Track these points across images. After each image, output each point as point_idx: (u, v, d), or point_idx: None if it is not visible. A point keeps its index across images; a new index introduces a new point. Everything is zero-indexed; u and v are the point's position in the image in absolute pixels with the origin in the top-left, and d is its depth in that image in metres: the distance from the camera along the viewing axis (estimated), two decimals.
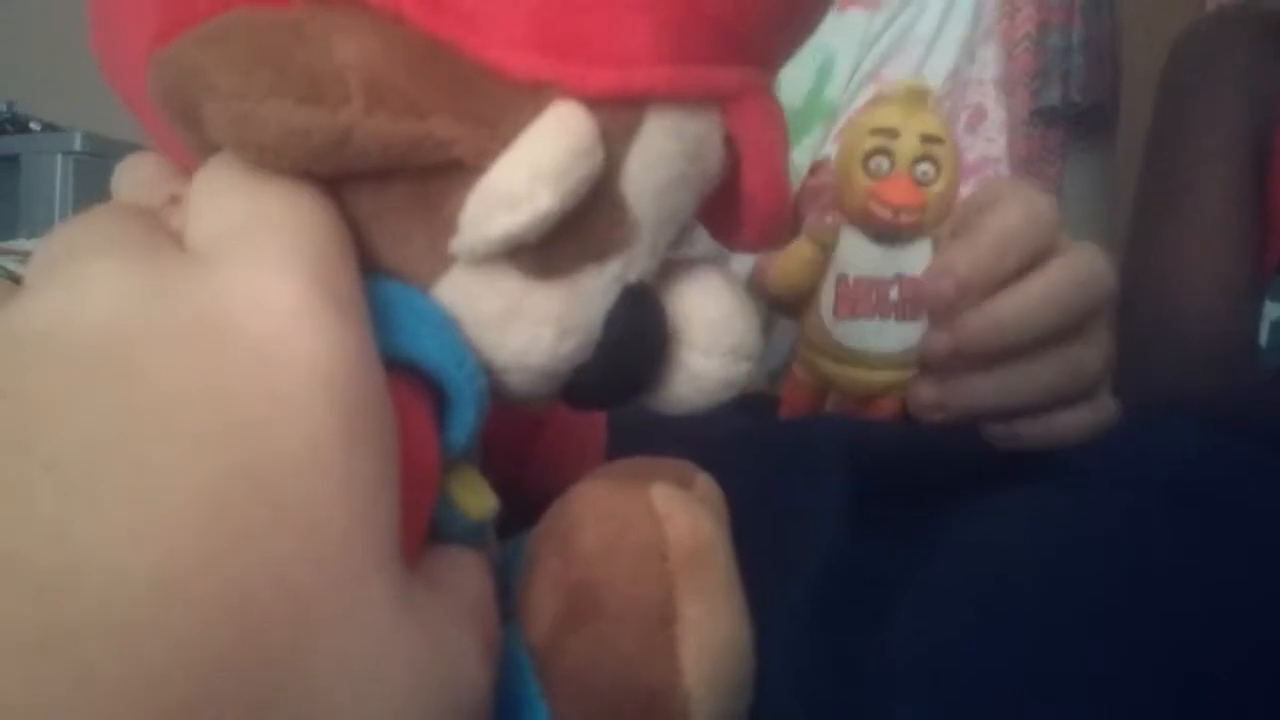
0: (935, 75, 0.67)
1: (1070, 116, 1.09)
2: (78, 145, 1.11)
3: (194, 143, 0.23)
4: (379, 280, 0.23)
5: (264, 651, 0.16)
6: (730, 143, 0.26)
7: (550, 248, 0.24)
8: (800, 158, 0.66)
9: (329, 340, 0.19)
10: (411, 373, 0.23)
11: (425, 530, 0.23)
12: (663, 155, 0.25)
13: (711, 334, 0.27)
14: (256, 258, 0.20)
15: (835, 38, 0.66)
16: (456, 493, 0.24)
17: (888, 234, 0.44)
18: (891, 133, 0.43)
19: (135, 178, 0.26)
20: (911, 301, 0.44)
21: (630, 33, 0.23)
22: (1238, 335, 0.92)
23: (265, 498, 0.17)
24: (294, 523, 0.17)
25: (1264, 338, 0.92)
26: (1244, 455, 0.38)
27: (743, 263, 0.59)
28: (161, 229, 0.21)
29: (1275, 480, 0.36)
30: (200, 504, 0.16)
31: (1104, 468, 0.40)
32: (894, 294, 0.44)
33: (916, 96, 0.44)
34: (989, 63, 0.72)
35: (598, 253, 0.25)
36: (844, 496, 0.36)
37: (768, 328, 0.62)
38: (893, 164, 0.43)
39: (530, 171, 0.22)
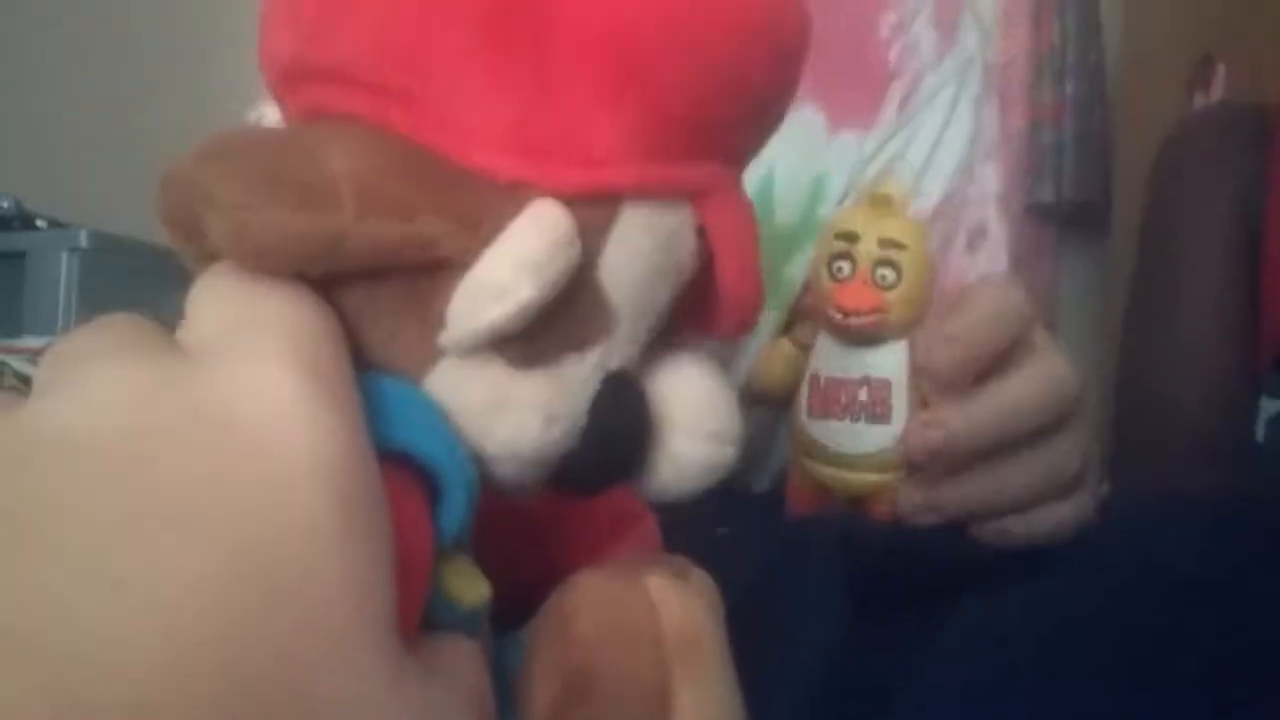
0: (929, 198, 0.68)
1: (1064, 213, 1.10)
2: (84, 242, 1.12)
3: (195, 254, 0.24)
4: (372, 374, 0.24)
5: None
6: (703, 234, 0.27)
7: (534, 338, 0.25)
8: (796, 274, 0.67)
9: (325, 431, 0.20)
10: (404, 463, 0.23)
11: (419, 617, 0.23)
12: (638, 247, 0.26)
13: (695, 418, 0.28)
14: (254, 354, 0.21)
15: (827, 161, 0.68)
16: (450, 581, 0.25)
17: (854, 336, 0.44)
18: (852, 236, 0.44)
19: None
20: (882, 406, 0.44)
21: (601, 135, 0.24)
22: (1233, 430, 0.92)
23: (265, 580, 0.18)
24: (292, 603, 0.18)
25: (1261, 433, 0.92)
26: (1242, 549, 0.38)
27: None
28: (164, 335, 0.23)
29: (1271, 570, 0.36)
30: (203, 586, 0.17)
31: (1097, 562, 0.40)
32: (863, 395, 0.44)
33: (881, 200, 0.45)
34: (991, 180, 0.73)
35: (579, 342, 0.26)
36: (840, 596, 0.36)
37: (770, 428, 0.62)
38: (854, 268, 0.43)
39: (513, 264, 0.23)
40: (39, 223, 1.15)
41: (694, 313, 0.29)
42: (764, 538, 0.45)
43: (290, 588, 0.18)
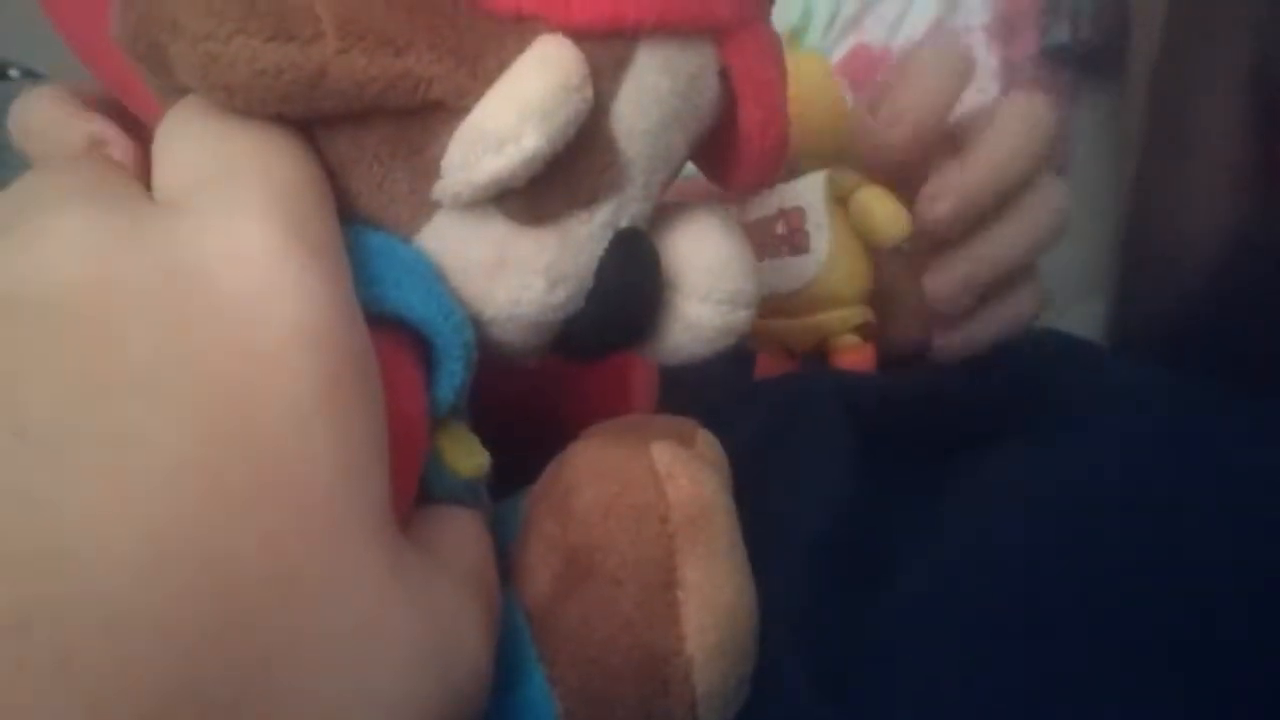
0: (916, 24, 0.65)
1: (1079, 55, 1.06)
2: None
3: (161, 87, 0.22)
4: (359, 229, 0.22)
5: (250, 630, 0.16)
6: (726, 77, 0.25)
7: (538, 192, 0.23)
8: None
9: (309, 293, 0.18)
10: (396, 326, 0.22)
11: (415, 490, 0.22)
12: (655, 92, 0.24)
13: (709, 280, 0.26)
14: (230, 207, 0.19)
15: None
16: (447, 451, 0.23)
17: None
18: None
19: (38, 119, 0.24)
20: (799, 235, 0.43)
21: None
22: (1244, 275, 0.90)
23: (250, 464, 0.16)
24: (280, 491, 0.17)
25: None
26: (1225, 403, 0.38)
27: None
28: (131, 180, 0.21)
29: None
30: (181, 471, 0.16)
31: (1090, 414, 0.39)
32: (779, 228, 0.44)
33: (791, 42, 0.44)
34: (975, 9, 0.70)
35: (588, 197, 0.24)
36: (848, 453, 0.36)
37: None
38: None
39: (516, 110, 0.21)
40: (11, 73, 1.12)
41: (709, 162, 0.27)
42: (762, 394, 0.44)
43: (277, 472, 0.17)
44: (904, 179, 0.42)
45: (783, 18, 0.64)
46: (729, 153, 0.26)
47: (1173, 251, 0.93)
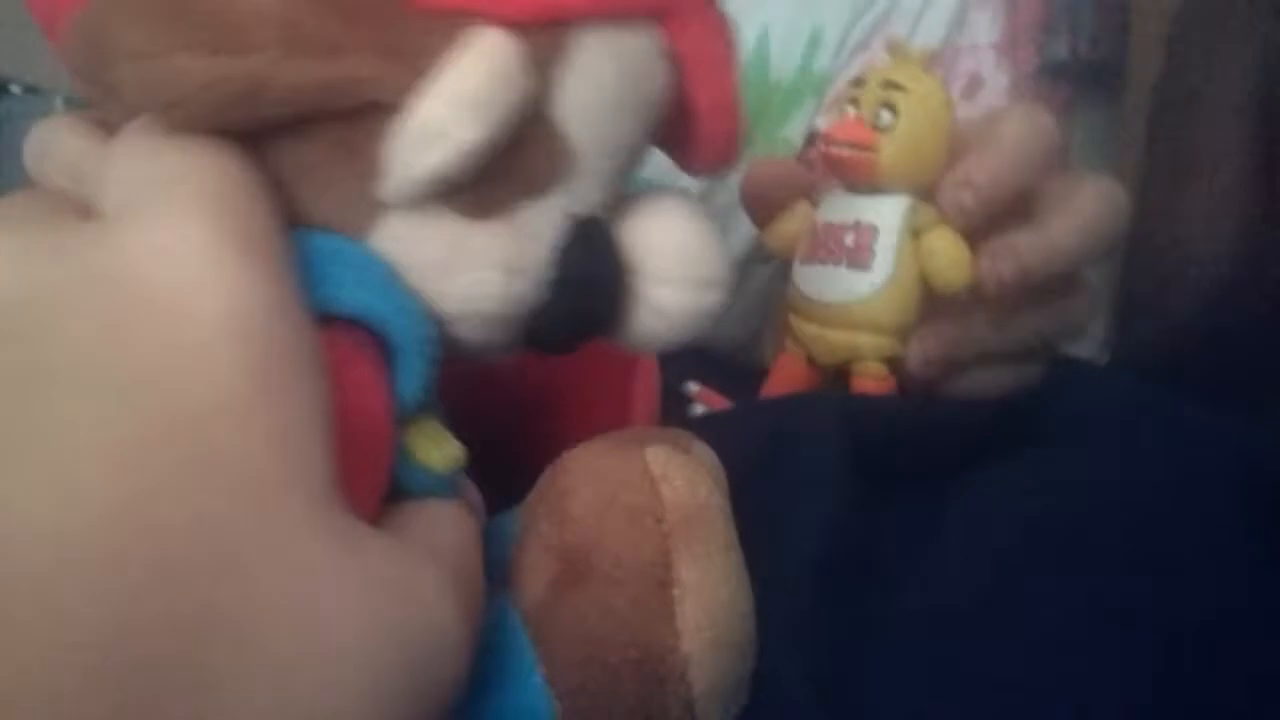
0: (926, 43, 0.65)
1: (1078, 71, 1.07)
2: (59, 108, 1.09)
3: (117, 111, 0.22)
4: (309, 234, 0.22)
5: (185, 593, 0.16)
6: (675, 60, 0.25)
7: (485, 185, 0.23)
8: (794, 135, 0.65)
9: (238, 287, 0.19)
10: (351, 326, 0.22)
11: (384, 484, 0.22)
12: (598, 78, 0.23)
13: (675, 265, 0.26)
14: (162, 210, 0.19)
15: (824, 9, 0.65)
16: (418, 445, 0.23)
17: (847, 178, 0.43)
18: (860, 82, 0.43)
19: (55, 152, 0.25)
20: (864, 253, 0.43)
21: None
22: (1241, 298, 0.90)
23: (177, 447, 0.17)
24: (208, 471, 0.17)
25: None
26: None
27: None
28: (70, 205, 0.21)
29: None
30: (105, 450, 0.16)
31: (1089, 433, 0.39)
32: (848, 239, 0.43)
33: (897, 48, 0.44)
34: (983, 27, 0.70)
35: (537, 187, 0.24)
36: (843, 470, 0.35)
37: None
38: (857, 110, 0.42)
39: (453, 101, 0.21)
40: (13, 89, 1.12)
41: (669, 146, 0.27)
42: (760, 413, 0.44)
43: (204, 453, 0.17)
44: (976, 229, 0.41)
45: (791, 41, 0.65)
46: (686, 136, 0.26)
47: (1171, 271, 0.93)
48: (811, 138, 0.66)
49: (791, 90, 0.65)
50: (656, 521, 0.24)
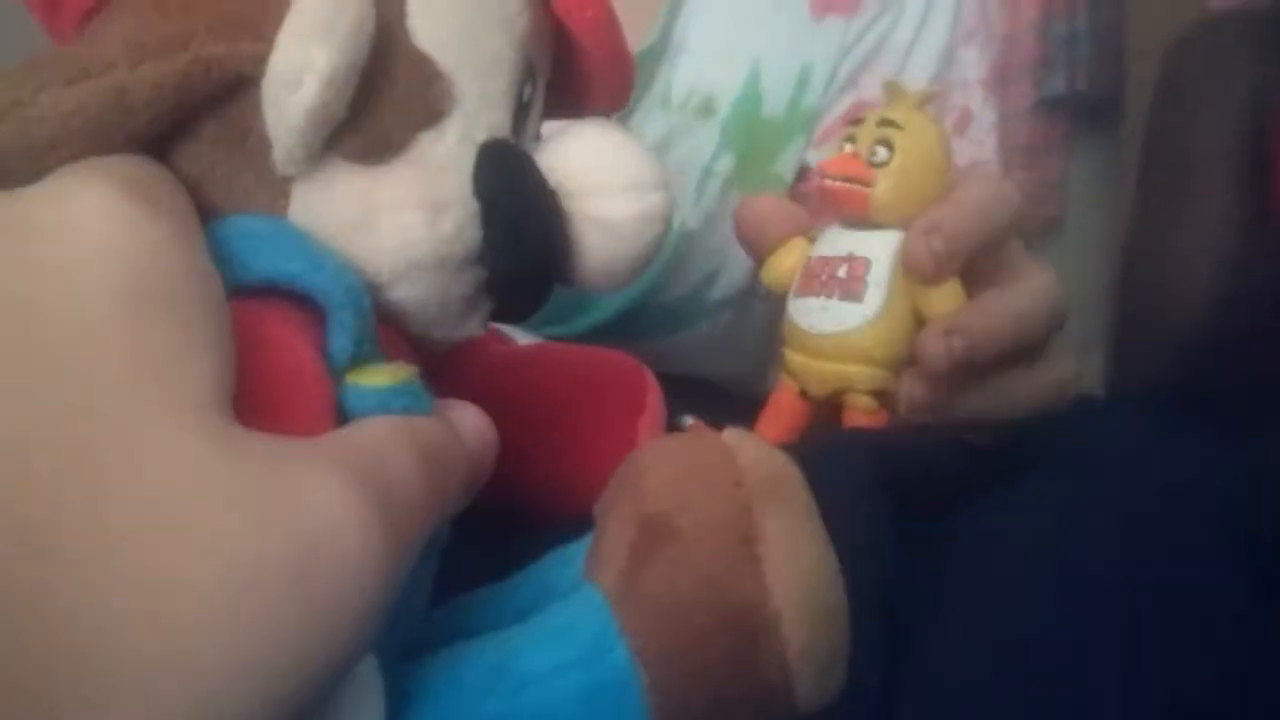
0: (914, 81, 0.66)
1: (1075, 107, 1.07)
2: None
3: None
4: (219, 221, 0.23)
5: (48, 488, 0.17)
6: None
7: (369, 125, 0.23)
8: (786, 171, 0.66)
9: (126, 224, 0.20)
10: (271, 292, 0.22)
11: (326, 428, 0.22)
12: None
13: (605, 175, 0.27)
14: (64, 175, 0.21)
15: (813, 47, 0.65)
16: (361, 378, 0.23)
17: (843, 211, 0.44)
18: (859, 120, 0.44)
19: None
20: (856, 284, 0.43)
21: None
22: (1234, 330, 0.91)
23: (41, 361, 0.18)
24: (71, 380, 0.18)
25: None
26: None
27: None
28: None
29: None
30: None
31: (1089, 463, 0.39)
32: (841, 271, 0.43)
33: (894, 89, 0.45)
34: (971, 64, 0.71)
35: (424, 118, 0.24)
36: (887, 517, 0.35)
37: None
38: (854, 147, 0.43)
39: (300, 36, 0.22)
40: None
41: (561, 98, 0.28)
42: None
43: (67, 365, 0.18)
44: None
45: (782, 78, 0.65)
46: (576, 84, 0.27)
47: (1168, 302, 0.94)
48: (803, 173, 0.66)
49: (782, 127, 0.65)
50: (735, 485, 0.24)
